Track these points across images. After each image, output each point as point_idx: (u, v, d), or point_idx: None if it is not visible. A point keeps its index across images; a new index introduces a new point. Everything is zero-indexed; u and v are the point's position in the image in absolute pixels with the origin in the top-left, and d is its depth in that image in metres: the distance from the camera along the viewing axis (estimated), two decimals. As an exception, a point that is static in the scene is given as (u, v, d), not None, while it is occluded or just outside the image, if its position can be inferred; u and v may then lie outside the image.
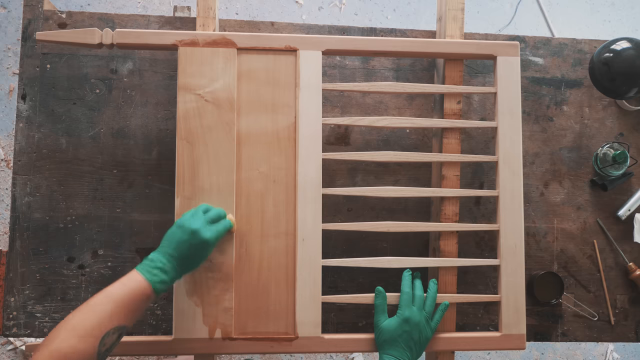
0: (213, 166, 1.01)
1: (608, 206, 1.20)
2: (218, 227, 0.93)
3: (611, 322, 1.19)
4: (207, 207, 0.96)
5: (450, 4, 1.10)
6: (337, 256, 1.14)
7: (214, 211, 0.95)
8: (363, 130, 1.17)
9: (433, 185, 1.14)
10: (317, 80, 1.04)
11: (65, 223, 1.11)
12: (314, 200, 1.02)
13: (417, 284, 1.02)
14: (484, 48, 1.07)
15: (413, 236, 1.16)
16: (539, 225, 1.19)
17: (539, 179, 1.19)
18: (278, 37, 1.04)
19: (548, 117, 1.20)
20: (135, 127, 1.13)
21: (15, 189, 1.11)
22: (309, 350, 1.01)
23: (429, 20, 2.23)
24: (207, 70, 1.02)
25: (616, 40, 1.10)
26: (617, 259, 1.20)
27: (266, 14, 2.16)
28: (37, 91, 1.12)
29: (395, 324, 0.98)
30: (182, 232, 0.90)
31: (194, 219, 0.91)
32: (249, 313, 1.01)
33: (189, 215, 0.92)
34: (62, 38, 1.01)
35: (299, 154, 1.02)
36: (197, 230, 0.90)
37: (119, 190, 1.12)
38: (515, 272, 1.04)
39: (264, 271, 1.01)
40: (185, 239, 0.90)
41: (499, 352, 2.10)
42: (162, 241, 0.91)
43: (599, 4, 2.32)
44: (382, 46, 1.05)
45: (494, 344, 1.03)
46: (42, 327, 1.10)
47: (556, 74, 1.21)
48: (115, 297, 0.84)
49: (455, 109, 1.08)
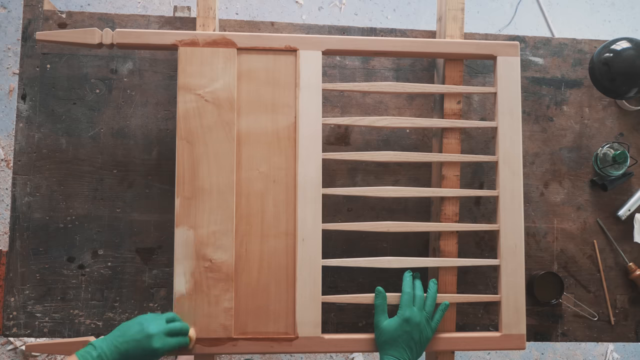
0: (213, 166, 1.01)
1: (608, 206, 1.20)
2: (171, 342, 0.93)
3: (611, 322, 1.18)
4: (173, 317, 0.96)
5: (450, 4, 1.10)
6: (337, 256, 1.14)
7: (177, 325, 0.95)
8: (363, 130, 1.17)
9: (433, 185, 1.14)
10: (317, 80, 1.04)
11: (65, 223, 1.11)
12: (314, 200, 1.02)
13: (417, 284, 1.02)
14: (484, 48, 1.07)
15: (413, 236, 1.16)
16: (539, 225, 1.19)
17: (539, 179, 1.19)
18: (278, 37, 1.04)
19: (548, 117, 1.20)
20: (135, 127, 1.13)
21: (15, 189, 1.11)
22: (309, 350, 1.01)
23: (429, 20, 2.23)
24: (207, 70, 1.02)
25: (616, 40, 1.10)
26: (617, 259, 1.20)
27: (266, 14, 2.16)
28: (37, 91, 1.12)
29: (396, 324, 0.98)
30: (138, 331, 0.90)
31: (154, 324, 0.91)
32: (249, 313, 1.01)
33: (152, 317, 0.93)
34: (62, 38, 1.01)
35: (299, 154, 1.02)
36: (151, 336, 0.90)
37: (119, 190, 1.12)
38: (515, 272, 1.04)
39: (264, 271, 1.01)
40: (138, 338, 0.89)
41: (499, 352, 2.10)
42: (115, 329, 0.91)
43: (599, 4, 2.32)
44: (382, 46, 1.05)
45: (494, 344, 1.03)
46: (42, 327, 1.10)
47: (556, 74, 1.21)
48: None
49: (455, 109, 1.08)
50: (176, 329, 0.94)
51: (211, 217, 1.00)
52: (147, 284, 1.12)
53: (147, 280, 1.12)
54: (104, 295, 1.11)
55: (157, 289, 1.12)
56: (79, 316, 1.11)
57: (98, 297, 1.11)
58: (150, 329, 0.90)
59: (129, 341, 0.89)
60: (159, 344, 0.90)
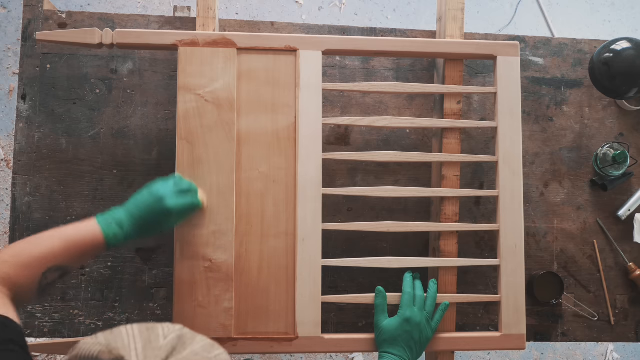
0: (213, 166, 1.01)
1: (608, 206, 1.20)
2: (183, 200, 0.93)
3: (611, 322, 1.18)
4: (180, 178, 0.96)
5: (450, 4, 1.10)
6: (337, 256, 1.14)
7: (185, 183, 0.95)
8: (363, 130, 1.17)
9: (433, 185, 1.14)
10: (317, 80, 1.04)
11: (66, 223, 1.11)
12: (314, 200, 1.02)
13: (417, 284, 1.02)
14: (484, 48, 1.07)
15: (413, 236, 1.16)
16: (539, 225, 1.18)
17: (539, 179, 1.19)
18: (278, 37, 1.04)
19: (548, 117, 1.20)
20: (135, 127, 1.13)
21: (15, 189, 1.11)
22: (309, 350, 1.01)
23: (429, 20, 2.23)
24: (207, 70, 1.02)
25: (616, 40, 1.10)
26: (617, 259, 1.20)
27: (266, 14, 2.16)
28: (37, 91, 1.12)
29: (396, 323, 0.98)
30: (149, 196, 0.91)
31: (163, 186, 0.92)
32: (249, 313, 1.01)
33: (160, 182, 0.93)
34: (62, 38, 1.01)
35: (299, 154, 1.02)
36: (162, 197, 0.91)
37: (119, 190, 1.12)
38: (515, 272, 1.04)
39: (264, 271, 1.01)
40: (150, 203, 0.90)
41: (499, 352, 2.10)
42: (128, 200, 0.92)
43: (599, 4, 2.32)
44: (382, 46, 1.05)
45: (494, 344, 1.03)
46: (42, 327, 1.10)
47: (556, 74, 1.21)
48: (64, 236, 0.85)
49: (455, 109, 1.08)
50: (184, 187, 0.94)
51: (211, 217, 1.00)
52: (147, 284, 1.12)
53: (147, 280, 1.12)
54: (104, 295, 1.11)
55: (157, 289, 1.12)
56: (79, 316, 1.11)
57: (98, 297, 1.11)
58: (160, 192, 0.91)
59: (143, 207, 0.90)
60: (172, 203, 0.91)
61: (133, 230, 0.90)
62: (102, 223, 0.87)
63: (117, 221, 0.88)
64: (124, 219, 0.89)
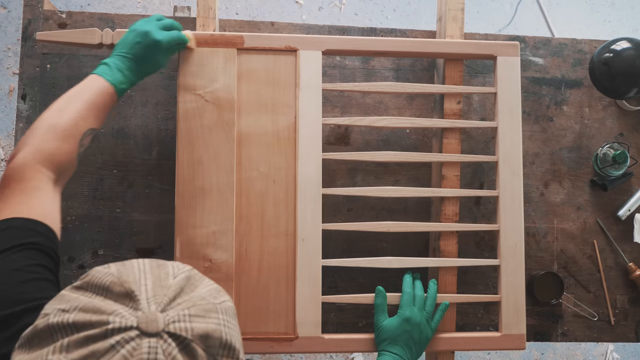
0: (213, 166, 1.01)
1: (608, 206, 1.20)
2: (170, 33, 0.95)
3: (611, 322, 1.18)
4: (160, 17, 0.98)
5: (450, 4, 1.10)
6: (337, 256, 1.14)
7: (167, 20, 0.97)
8: (363, 130, 1.17)
9: (433, 185, 1.14)
10: (317, 80, 1.04)
11: (65, 223, 1.11)
12: (314, 200, 1.02)
13: (417, 284, 1.02)
14: (484, 48, 1.07)
15: (413, 236, 1.16)
16: (539, 225, 1.18)
17: (539, 179, 1.19)
18: (278, 37, 1.04)
19: (548, 117, 1.20)
20: (135, 127, 1.13)
21: (15, 189, 1.11)
22: (309, 350, 1.01)
23: (429, 20, 2.23)
24: (207, 71, 1.02)
25: (616, 40, 1.10)
26: (617, 259, 1.20)
27: (266, 14, 2.16)
28: (37, 91, 1.12)
29: (396, 323, 0.98)
30: (135, 35, 0.93)
31: (146, 23, 0.94)
32: (248, 313, 1.01)
33: (142, 21, 0.95)
34: (62, 38, 1.01)
35: (299, 154, 1.02)
36: (148, 32, 0.92)
37: (119, 190, 1.12)
38: (515, 272, 1.04)
39: (263, 271, 1.01)
40: (138, 40, 0.92)
41: (499, 352, 2.10)
42: (114, 48, 0.94)
43: (599, 4, 2.32)
44: (382, 46, 1.05)
45: (494, 344, 1.03)
46: (42, 327, 1.10)
47: (556, 74, 1.21)
48: (84, 98, 0.86)
49: (455, 109, 1.08)
50: (167, 23, 0.96)
51: (211, 217, 1.00)
52: (147, 284, 1.12)
53: (147, 280, 1.12)
54: (104, 295, 1.11)
55: (157, 289, 1.12)
56: (79, 316, 1.11)
57: (98, 297, 1.11)
58: (145, 27, 0.93)
59: (132, 46, 0.92)
60: (160, 36, 0.93)
61: (131, 72, 0.92)
62: (104, 74, 0.89)
63: (116, 67, 0.90)
64: (120, 64, 0.91)
